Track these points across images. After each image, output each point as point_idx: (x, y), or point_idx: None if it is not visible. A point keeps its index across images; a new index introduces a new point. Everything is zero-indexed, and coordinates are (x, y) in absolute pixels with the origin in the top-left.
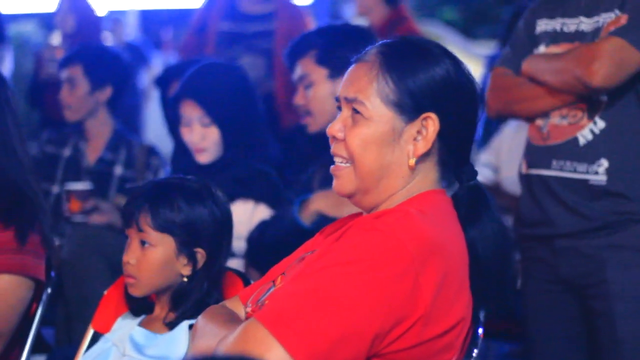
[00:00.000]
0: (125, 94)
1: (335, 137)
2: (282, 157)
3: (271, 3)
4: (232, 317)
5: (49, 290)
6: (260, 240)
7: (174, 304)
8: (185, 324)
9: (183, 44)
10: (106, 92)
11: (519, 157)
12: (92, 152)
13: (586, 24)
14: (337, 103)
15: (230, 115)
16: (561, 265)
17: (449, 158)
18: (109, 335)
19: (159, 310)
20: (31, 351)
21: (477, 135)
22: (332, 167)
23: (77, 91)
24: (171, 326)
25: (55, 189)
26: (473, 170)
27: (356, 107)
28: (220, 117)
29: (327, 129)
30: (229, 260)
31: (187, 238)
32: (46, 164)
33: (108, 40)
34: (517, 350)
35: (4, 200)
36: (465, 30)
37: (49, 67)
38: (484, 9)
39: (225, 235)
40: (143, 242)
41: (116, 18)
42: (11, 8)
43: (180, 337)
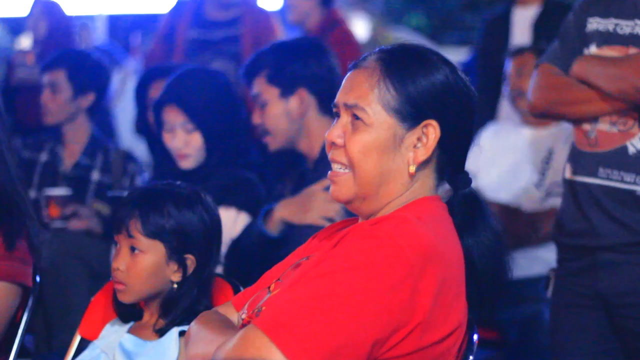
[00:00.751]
0: (104, 99)
1: (334, 143)
2: (260, 164)
3: (236, 8)
4: (227, 323)
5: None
6: (236, 249)
7: (164, 310)
8: (175, 330)
9: (150, 52)
10: (88, 98)
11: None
12: (68, 157)
13: None
14: (334, 109)
15: (213, 121)
16: (601, 280)
17: (446, 165)
18: (97, 342)
19: (148, 317)
20: (15, 358)
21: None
22: (330, 173)
23: (60, 96)
24: (161, 333)
25: (32, 194)
26: (468, 177)
27: (357, 114)
28: (204, 123)
29: (326, 135)
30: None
31: (177, 244)
32: (23, 169)
33: (76, 45)
34: (494, 358)
35: None
36: (433, 36)
37: (20, 72)
38: (451, 15)
39: (214, 241)
40: (133, 249)
41: (83, 23)
42: None
43: (170, 344)
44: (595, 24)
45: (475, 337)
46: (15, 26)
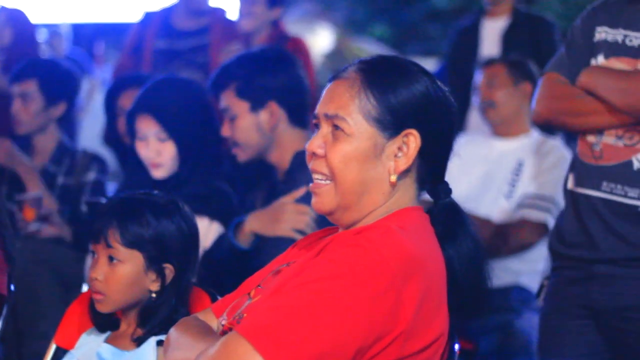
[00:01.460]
0: (74, 108)
1: (315, 154)
2: (231, 174)
3: (204, 18)
4: (206, 329)
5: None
6: (207, 261)
7: (142, 320)
8: (152, 340)
9: (119, 64)
10: (60, 108)
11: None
12: (36, 165)
13: None
14: (314, 120)
15: (187, 131)
16: (595, 292)
17: (426, 175)
18: (74, 352)
19: (126, 326)
20: None
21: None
22: (312, 184)
23: (31, 106)
24: (139, 342)
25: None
26: (448, 187)
27: (337, 124)
28: (177, 132)
29: (307, 146)
30: None
31: (155, 253)
32: None
33: (46, 53)
34: None
35: None
36: (396, 46)
37: None
38: (415, 25)
39: (192, 250)
40: (111, 258)
41: (55, 31)
42: None
43: (148, 354)
44: (603, 33)
45: (456, 346)
46: None
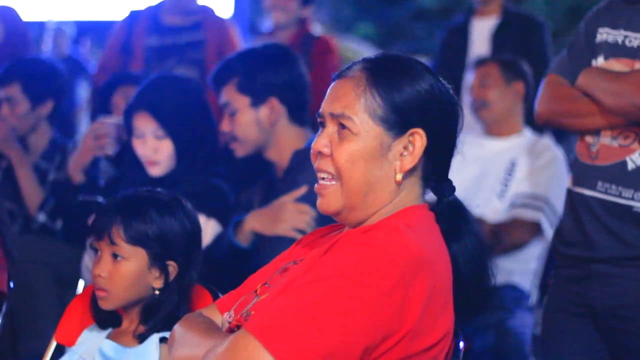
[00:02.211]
0: (64, 103)
1: (320, 153)
2: (225, 173)
3: (195, 14)
4: (212, 326)
5: None
6: (206, 260)
7: (145, 317)
8: (155, 337)
9: (103, 62)
10: (47, 107)
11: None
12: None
13: None
14: (319, 119)
15: (184, 129)
16: (593, 290)
17: (431, 173)
18: (75, 348)
19: (128, 323)
20: None
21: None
22: (317, 186)
23: (18, 110)
24: (141, 339)
25: None
26: (452, 185)
27: (344, 123)
28: (175, 130)
29: (312, 145)
30: None
31: (159, 250)
32: None
33: (48, 51)
34: None
35: None
36: (381, 45)
37: None
38: (400, 24)
39: (195, 247)
40: (115, 255)
41: (59, 28)
42: None
43: (150, 351)
44: (605, 34)
45: (461, 344)
46: None
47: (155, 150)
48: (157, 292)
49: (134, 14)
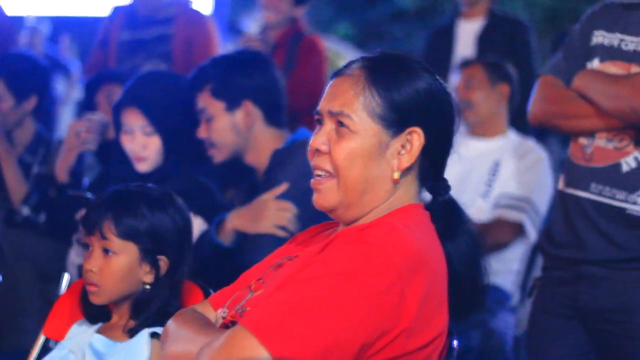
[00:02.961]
0: (47, 98)
1: (318, 150)
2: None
3: (171, 8)
4: (206, 321)
5: None
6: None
7: (135, 311)
8: (145, 332)
9: (91, 59)
10: (31, 102)
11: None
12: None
13: None
14: (317, 116)
15: (173, 125)
16: (582, 292)
17: (428, 172)
18: (64, 343)
19: (117, 318)
20: None
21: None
22: (313, 180)
23: (2, 106)
24: (131, 334)
25: None
26: (447, 184)
27: (342, 121)
28: (163, 126)
29: (310, 142)
30: None
31: (150, 245)
32: None
33: (17, 45)
34: None
35: None
36: (360, 45)
37: None
38: (378, 25)
39: (186, 242)
40: (106, 250)
41: (34, 27)
42: None
43: (141, 345)
44: (600, 37)
45: (455, 343)
46: None
47: (144, 146)
48: (147, 287)
49: (115, 10)
